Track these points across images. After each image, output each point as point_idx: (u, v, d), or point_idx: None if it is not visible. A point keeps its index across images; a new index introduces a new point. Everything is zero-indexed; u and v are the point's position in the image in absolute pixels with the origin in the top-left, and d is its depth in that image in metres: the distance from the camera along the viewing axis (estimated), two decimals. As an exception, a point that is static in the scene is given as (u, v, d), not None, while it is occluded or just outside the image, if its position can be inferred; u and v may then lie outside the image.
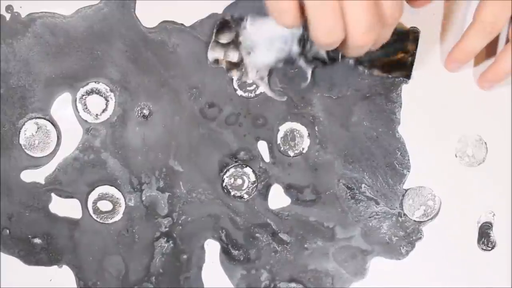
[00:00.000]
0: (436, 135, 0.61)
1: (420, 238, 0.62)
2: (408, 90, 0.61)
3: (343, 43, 0.50)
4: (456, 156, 0.62)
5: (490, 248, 0.62)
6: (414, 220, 0.62)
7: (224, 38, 0.60)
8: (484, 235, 0.62)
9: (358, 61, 0.60)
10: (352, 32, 0.49)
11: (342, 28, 0.49)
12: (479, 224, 0.62)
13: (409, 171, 0.61)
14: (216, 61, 0.61)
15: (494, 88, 0.61)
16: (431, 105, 0.61)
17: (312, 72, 0.61)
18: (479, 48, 0.58)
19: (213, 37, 0.60)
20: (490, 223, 0.61)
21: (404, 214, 0.62)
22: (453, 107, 0.61)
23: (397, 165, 0.61)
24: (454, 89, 0.61)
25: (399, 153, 0.61)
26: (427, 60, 0.61)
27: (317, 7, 0.48)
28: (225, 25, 0.60)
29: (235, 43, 0.60)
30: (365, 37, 0.49)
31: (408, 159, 0.61)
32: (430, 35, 0.61)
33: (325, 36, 0.49)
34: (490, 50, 0.61)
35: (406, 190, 0.61)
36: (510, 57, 0.58)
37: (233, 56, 0.60)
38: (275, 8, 0.49)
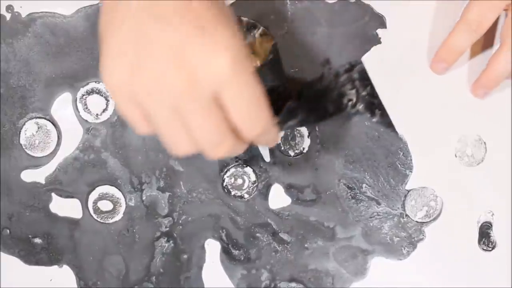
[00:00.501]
0: (435, 135, 0.61)
1: (422, 239, 0.62)
2: (408, 90, 0.61)
3: None
4: (455, 156, 0.62)
5: (490, 249, 0.62)
6: (417, 221, 0.62)
7: None
8: (484, 235, 0.62)
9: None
10: (202, 147, 0.46)
11: (190, 142, 0.46)
12: (479, 224, 0.62)
13: (411, 172, 0.61)
14: None
15: (488, 95, 0.61)
16: (431, 105, 0.61)
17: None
18: (465, 47, 0.58)
19: None
20: (490, 223, 0.61)
21: (406, 215, 0.62)
22: (453, 107, 0.61)
23: (399, 165, 0.61)
24: (453, 89, 0.61)
25: (402, 153, 0.61)
26: (427, 60, 0.61)
27: (160, 125, 0.45)
28: (238, 24, 0.60)
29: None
30: (214, 152, 0.46)
31: (411, 160, 0.61)
32: (430, 35, 0.61)
33: (174, 149, 0.47)
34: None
35: (408, 191, 0.61)
36: (501, 60, 0.58)
37: None
38: (124, 117, 0.47)
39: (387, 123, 0.60)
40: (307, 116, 0.57)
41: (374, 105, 0.60)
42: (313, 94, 0.59)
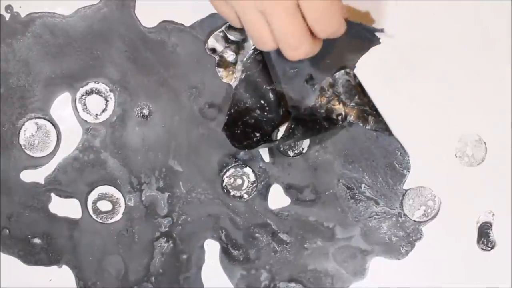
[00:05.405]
0: (435, 135, 0.61)
1: (420, 238, 0.62)
2: (408, 90, 0.61)
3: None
4: (455, 156, 0.62)
5: (489, 248, 0.62)
6: (414, 220, 0.62)
7: (233, 36, 0.60)
8: (484, 235, 0.62)
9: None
10: (283, 48, 0.52)
11: (272, 40, 0.52)
12: (478, 224, 0.62)
13: (409, 171, 0.61)
14: (213, 50, 0.60)
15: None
16: (431, 105, 0.61)
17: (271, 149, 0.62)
18: None
19: (223, 28, 0.60)
20: (490, 223, 0.62)
21: (404, 214, 0.62)
22: (453, 107, 0.61)
23: (397, 165, 0.61)
24: (453, 89, 0.61)
25: (399, 153, 0.61)
26: (427, 60, 0.61)
27: (244, 20, 0.52)
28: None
29: (238, 46, 0.60)
30: (295, 54, 0.52)
31: (408, 159, 0.61)
32: (429, 35, 0.61)
33: (257, 43, 0.53)
34: None
35: (406, 190, 0.62)
36: None
37: (230, 55, 0.60)
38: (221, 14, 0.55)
39: (383, 127, 0.60)
40: (303, 134, 0.57)
41: (365, 112, 0.60)
42: (303, 114, 0.60)
